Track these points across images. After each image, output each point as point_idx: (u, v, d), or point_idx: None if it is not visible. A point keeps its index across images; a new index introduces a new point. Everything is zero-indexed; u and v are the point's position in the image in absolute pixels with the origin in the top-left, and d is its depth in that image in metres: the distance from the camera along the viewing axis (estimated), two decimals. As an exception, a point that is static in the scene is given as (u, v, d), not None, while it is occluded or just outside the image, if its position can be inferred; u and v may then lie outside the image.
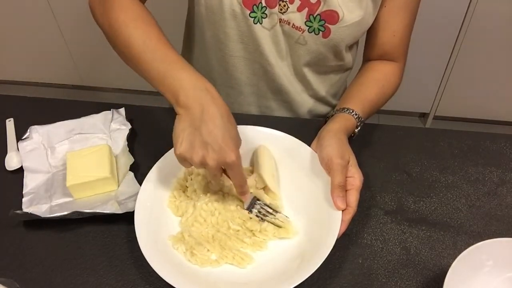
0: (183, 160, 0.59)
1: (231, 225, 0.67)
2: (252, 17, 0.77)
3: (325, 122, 0.76)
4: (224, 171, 0.62)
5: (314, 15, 0.75)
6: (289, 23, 0.78)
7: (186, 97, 0.59)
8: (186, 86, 0.60)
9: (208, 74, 0.90)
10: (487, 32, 1.71)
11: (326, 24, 0.76)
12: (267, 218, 0.68)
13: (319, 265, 0.58)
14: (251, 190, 0.69)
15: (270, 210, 0.68)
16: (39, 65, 2.19)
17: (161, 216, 0.68)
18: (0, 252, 0.67)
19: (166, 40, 0.65)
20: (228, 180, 0.64)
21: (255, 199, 0.69)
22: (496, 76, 1.86)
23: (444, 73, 1.87)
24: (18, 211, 0.67)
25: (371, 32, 0.84)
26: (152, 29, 0.65)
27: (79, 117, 0.83)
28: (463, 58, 1.80)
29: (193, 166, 0.60)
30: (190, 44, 0.93)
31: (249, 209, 0.68)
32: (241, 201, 0.69)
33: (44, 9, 1.92)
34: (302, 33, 0.78)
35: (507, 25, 1.68)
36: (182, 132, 0.58)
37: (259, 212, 0.68)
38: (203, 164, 0.58)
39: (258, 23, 0.78)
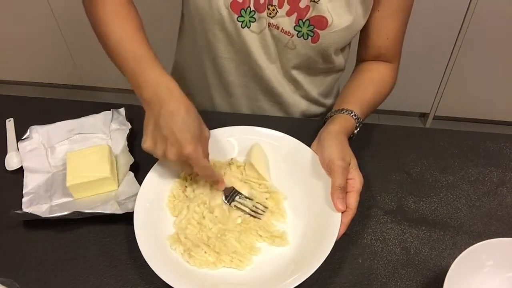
0: (150, 154, 0.64)
1: (215, 232, 0.67)
2: (239, 21, 0.77)
3: (324, 123, 0.76)
4: None
5: (303, 20, 0.75)
6: (278, 28, 0.77)
7: (148, 94, 0.64)
8: (149, 83, 0.64)
9: (201, 74, 0.91)
10: (487, 32, 1.71)
11: (315, 29, 0.76)
12: (246, 209, 0.69)
13: (318, 266, 0.58)
14: (241, 182, 0.71)
15: (250, 202, 0.69)
16: (39, 65, 2.19)
17: (161, 216, 0.68)
18: (0, 252, 0.67)
19: (140, 35, 0.69)
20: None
21: (236, 192, 0.70)
22: (496, 76, 1.86)
23: (444, 73, 1.87)
24: (18, 211, 0.67)
25: (365, 35, 0.84)
26: (128, 24, 0.69)
27: (79, 117, 0.83)
28: (463, 58, 1.80)
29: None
30: (184, 44, 0.93)
31: (229, 201, 0.69)
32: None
33: (44, 9, 1.92)
34: (291, 37, 0.78)
35: (507, 25, 1.68)
36: (146, 128, 0.64)
37: (239, 203, 0.69)
38: (165, 159, 0.63)
39: (246, 27, 0.78)
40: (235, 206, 0.69)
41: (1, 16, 1.99)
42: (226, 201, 0.69)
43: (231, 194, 0.70)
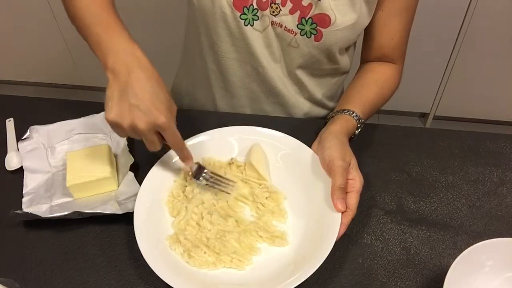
0: (115, 126, 0.59)
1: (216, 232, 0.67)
2: (242, 19, 0.77)
3: (325, 123, 0.76)
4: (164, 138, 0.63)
5: (306, 18, 0.75)
6: (281, 26, 0.77)
7: (113, 61, 0.60)
8: (115, 50, 0.61)
9: (204, 74, 0.91)
10: (487, 32, 1.71)
11: (318, 27, 0.76)
12: (216, 186, 0.69)
13: (318, 266, 0.58)
14: (241, 182, 0.71)
15: (219, 178, 0.70)
16: (39, 65, 2.19)
17: (161, 217, 0.68)
18: (0, 252, 0.67)
19: (111, 8, 0.67)
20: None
21: (203, 168, 0.69)
22: (496, 76, 1.86)
23: (444, 73, 1.87)
24: (18, 211, 0.67)
25: (369, 35, 0.84)
26: None
27: (79, 117, 0.83)
28: (463, 58, 1.80)
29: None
30: (189, 43, 0.93)
31: (197, 177, 0.69)
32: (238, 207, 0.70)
33: (44, 9, 1.92)
34: (294, 36, 0.78)
35: (507, 25, 1.68)
36: (111, 97, 0.59)
37: (207, 180, 0.69)
38: (133, 129, 0.59)
39: (249, 25, 0.78)
40: (206, 184, 0.69)
41: (1, 16, 1.99)
42: (194, 178, 0.69)
43: (197, 171, 0.69)
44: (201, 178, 0.69)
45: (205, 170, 0.70)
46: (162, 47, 1.72)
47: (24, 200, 0.71)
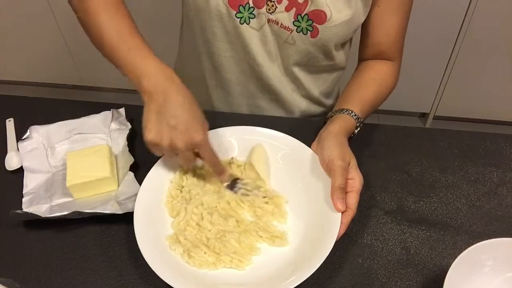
0: (154, 146, 0.63)
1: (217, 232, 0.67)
2: (238, 18, 0.77)
3: (324, 123, 0.76)
4: (198, 155, 0.66)
5: (302, 15, 0.75)
6: (277, 23, 0.77)
7: (148, 84, 0.63)
8: (149, 72, 0.64)
9: (200, 73, 0.91)
10: (487, 32, 1.71)
11: (314, 24, 0.76)
12: (251, 197, 0.70)
13: (318, 266, 0.58)
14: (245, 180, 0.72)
15: (253, 190, 0.71)
16: (39, 65, 2.19)
17: (161, 216, 0.68)
18: (0, 252, 0.67)
19: (135, 29, 0.69)
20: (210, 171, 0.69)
21: (237, 180, 0.71)
22: (496, 76, 1.86)
23: (444, 73, 1.87)
24: (18, 211, 0.67)
25: (365, 32, 0.84)
26: (123, 19, 0.70)
27: (79, 117, 0.83)
28: (463, 58, 1.80)
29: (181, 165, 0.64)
30: (184, 43, 0.93)
31: (233, 190, 0.71)
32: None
33: (44, 9, 1.92)
34: (290, 33, 0.78)
35: (507, 25, 1.68)
36: (149, 119, 0.63)
37: (245, 191, 0.71)
38: (172, 148, 0.62)
39: (245, 23, 0.78)
40: (242, 194, 0.70)
41: (1, 16, 1.99)
42: (231, 190, 0.71)
43: (233, 183, 0.71)
44: (236, 188, 0.71)
45: (238, 180, 0.71)
46: (158, 48, 1.73)
47: (24, 200, 0.71)
